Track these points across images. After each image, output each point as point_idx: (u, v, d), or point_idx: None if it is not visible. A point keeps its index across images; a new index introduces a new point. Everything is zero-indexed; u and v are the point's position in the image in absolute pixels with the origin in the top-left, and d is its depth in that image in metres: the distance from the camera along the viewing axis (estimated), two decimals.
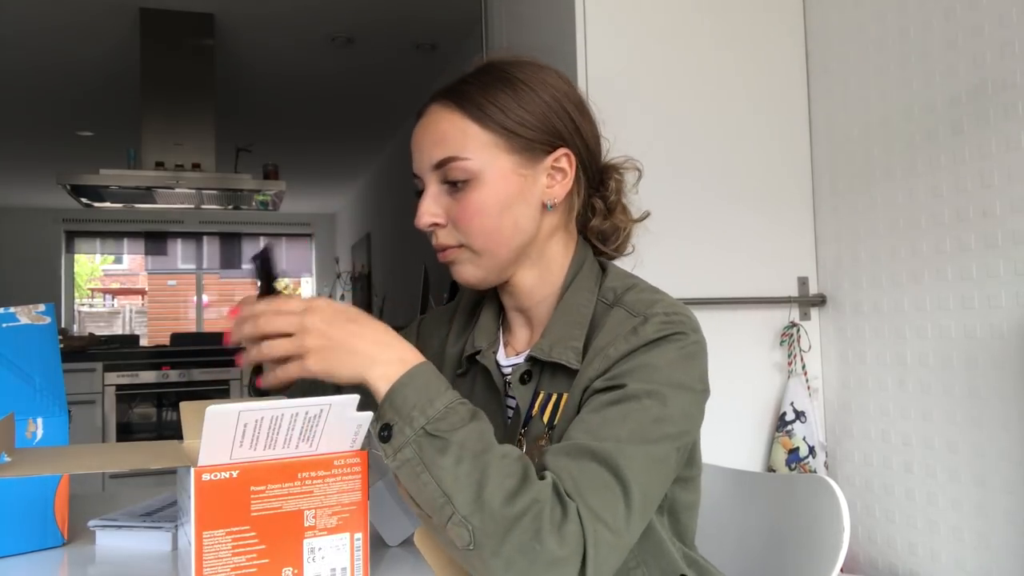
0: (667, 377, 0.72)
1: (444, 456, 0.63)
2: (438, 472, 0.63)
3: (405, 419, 0.65)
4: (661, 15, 1.86)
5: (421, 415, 0.65)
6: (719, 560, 0.94)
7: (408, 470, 0.64)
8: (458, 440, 0.64)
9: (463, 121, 0.80)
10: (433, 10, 3.65)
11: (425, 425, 0.65)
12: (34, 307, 0.89)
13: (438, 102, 0.83)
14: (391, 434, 0.65)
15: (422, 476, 0.64)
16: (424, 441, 0.64)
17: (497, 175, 0.80)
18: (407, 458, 0.64)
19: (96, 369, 3.94)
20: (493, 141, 0.80)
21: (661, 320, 0.75)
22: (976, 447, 1.49)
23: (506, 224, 0.80)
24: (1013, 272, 1.42)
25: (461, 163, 0.79)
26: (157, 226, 8.35)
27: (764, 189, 1.91)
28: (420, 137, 0.84)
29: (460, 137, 0.80)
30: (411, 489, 0.65)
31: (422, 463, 0.64)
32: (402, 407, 0.65)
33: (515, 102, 0.80)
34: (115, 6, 3.56)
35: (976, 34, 1.48)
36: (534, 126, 0.81)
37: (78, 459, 0.67)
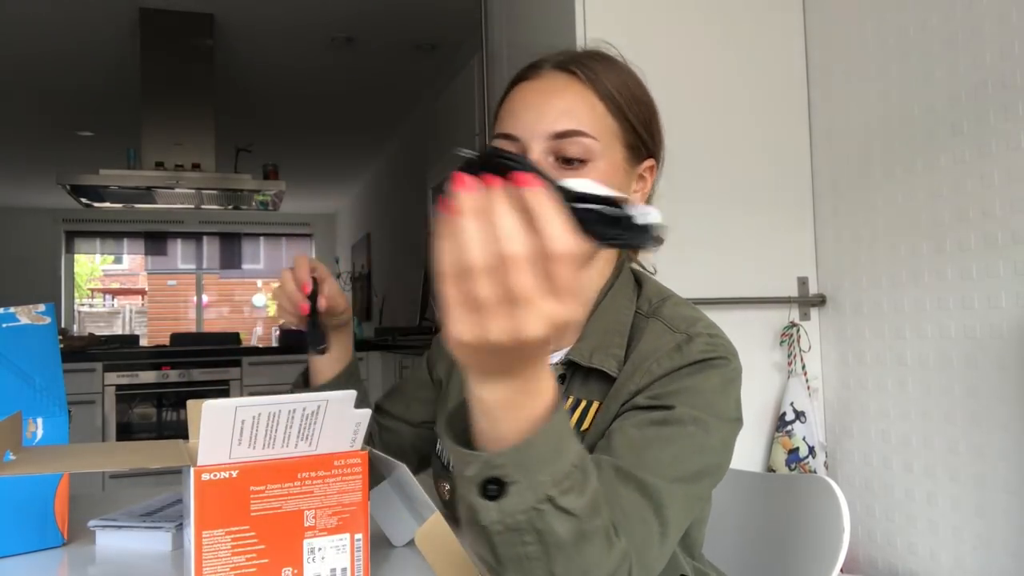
0: (710, 404, 0.71)
1: (565, 533, 0.52)
2: (553, 551, 0.52)
3: (530, 481, 0.50)
4: (661, 15, 1.86)
5: (551, 480, 0.51)
6: (719, 560, 0.94)
7: (513, 539, 0.52)
8: (582, 511, 0.53)
9: (593, 97, 0.77)
10: (433, 10, 3.65)
11: (552, 494, 0.51)
12: (34, 307, 0.89)
13: (566, 72, 0.78)
14: (504, 493, 0.50)
15: (529, 548, 0.52)
16: (548, 512, 0.51)
17: (611, 163, 0.77)
18: (518, 527, 0.51)
19: (96, 369, 3.94)
20: (616, 129, 0.78)
21: (706, 341, 0.74)
22: (976, 447, 1.49)
23: None
24: (1013, 272, 1.42)
25: (588, 140, 0.75)
26: (157, 226, 8.35)
27: (764, 189, 1.91)
28: (539, 100, 0.77)
29: (590, 114, 0.76)
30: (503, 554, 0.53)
31: (537, 537, 0.52)
32: (530, 464, 0.50)
33: (632, 95, 0.79)
34: (115, 6, 3.56)
35: (976, 34, 1.48)
36: (644, 124, 0.80)
37: (78, 458, 0.67)
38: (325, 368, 0.98)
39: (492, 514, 0.51)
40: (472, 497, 0.51)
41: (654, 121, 0.82)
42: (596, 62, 0.80)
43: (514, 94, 0.80)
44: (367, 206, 7.38)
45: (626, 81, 0.80)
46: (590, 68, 0.78)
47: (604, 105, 0.77)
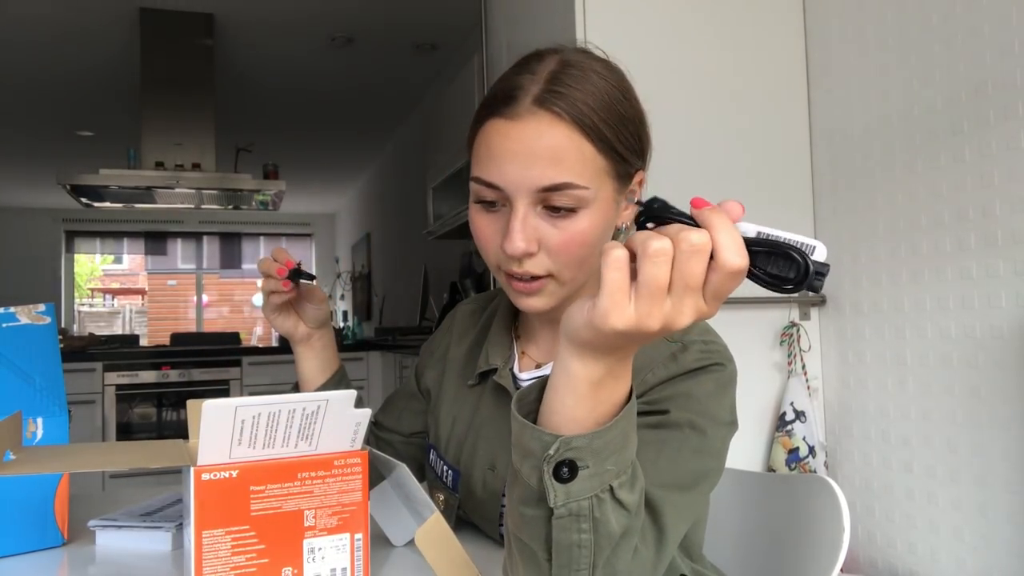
0: (705, 409, 0.71)
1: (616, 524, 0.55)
2: (602, 540, 0.54)
3: (599, 468, 0.53)
4: (661, 15, 1.86)
5: (615, 470, 0.54)
6: (719, 560, 0.94)
7: (571, 523, 0.54)
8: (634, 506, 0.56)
9: (580, 140, 0.69)
10: (433, 10, 3.65)
11: (612, 481, 0.54)
12: (34, 307, 0.89)
13: (544, 108, 0.69)
14: (574, 476, 0.53)
15: (582, 535, 0.54)
16: (605, 502, 0.54)
17: (603, 203, 0.71)
18: (580, 512, 0.54)
19: (96, 369, 3.94)
20: (605, 167, 0.71)
21: (700, 348, 0.74)
22: (976, 447, 1.49)
23: (596, 253, 0.72)
24: (1013, 272, 1.42)
25: (578, 191, 0.68)
26: (157, 226, 8.35)
27: (764, 189, 1.91)
28: (522, 149, 0.69)
29: (579, 160, 0.68)
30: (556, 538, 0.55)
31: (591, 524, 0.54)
32: (602, 451, 0.53)
33: (622, 120, 0.72)
34: (115, 6, 3.56)
35: (976, 34, 1.48)
36: (633, 149, 0.74)
37: (78, 458, 0.67)
38: (313, 378, 0.98)
39: (560, 496, 0.53)
40: (544, 477, 0.53)
41: (642, 130, 0.75)
42: (576, 86, 0.70)
43: (492, 134, 0.71)
44: (367, 206, 7.38)
45: (611, 101, 0.71)
46: (571, 99, 0.69)
47: (591, 144, 0.69)
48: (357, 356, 4.66)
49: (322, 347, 0.99)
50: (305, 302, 0.96)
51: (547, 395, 0.55)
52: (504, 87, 0.72)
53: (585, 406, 0.52)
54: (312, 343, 0.98)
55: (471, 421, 0.87)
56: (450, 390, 0.93)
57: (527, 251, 0.70)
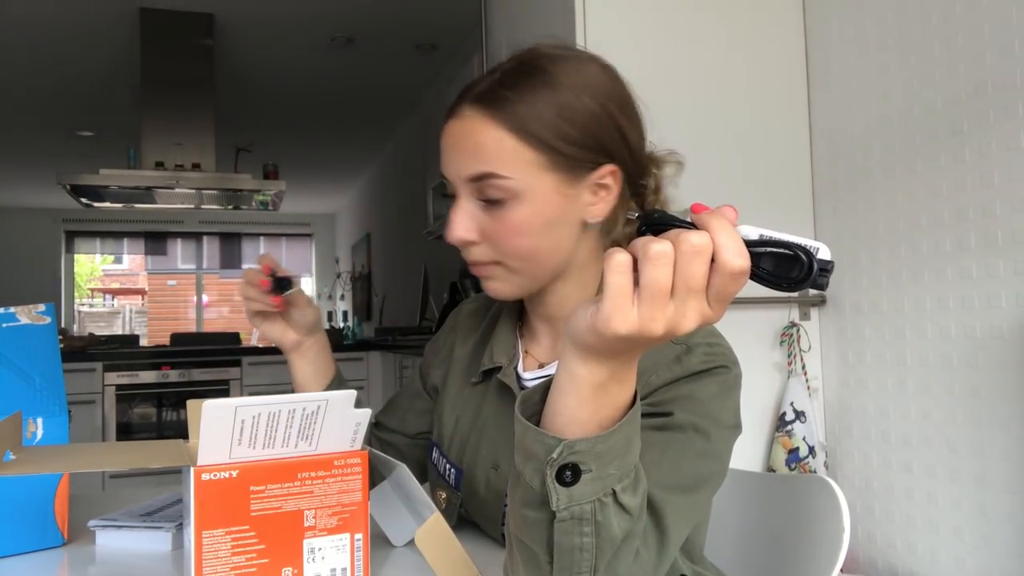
0: (709, 411, 0.71)
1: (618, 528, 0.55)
2: (604, 544, 0.55)
3: (601, 472, 0.53)
4: (661, 15, 1.86)
5: (617, 474, 0.54)
6: (719, 560, 0.94)
7: (573, 527, 0.54)
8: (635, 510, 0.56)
9: (501, 134, 0.72)
10: (433, 10, 3.65)
11: (614, 485, 0.54)
12: (34, 307, 0.89)
13: (473, 107, 0.74)
14: (578, 480, 0.53)
15: (584, 539, 0.54)
16: (608, 506, 0.54)
17: (538, 195, 0.73)
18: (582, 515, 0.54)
19: (96, 369, 3.94)
20: (535, 159, 0.72)
21: (705, 351, 0.73)
22: (976, 447, 1.49)
23: (545, 244, 0.75)
24: (1013, 272, 1.42)
25: (500, 181, 0.72)
26: (157, 226, 8.36)
27: (764, 189, 1.91)
28: (452, 143, 0.75)
29: (498, 152, 0.72)
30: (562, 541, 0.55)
31: (593, 528, 0.54)
32: (605, 456, 0.53)
33: (558, 114, 0.72)
34: (115, 6, 3.56)
35: (976, 34, 1.48)
36: (579, 142, 0.73)
37: (78, 458, 0.67)
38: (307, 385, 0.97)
39: (563, 499, 0.53)
40: (546, 481, 0.53)
41: (600, 129, 0.74)
42: (510, 84, 0.73)
43: (442, 133, 0.77)
44: (367, 206, 7.38)
45: (550, 97, 0.72)
46: (499, 97, 0.72)
47: (518, 139, 0.71)
48: (357, 356, 4.66)
49: (315, 354, 0.96)
50: (291, 307, 0.93)
51: (551, 397, 0.55)
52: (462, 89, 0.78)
53: (588, 409, 0.52)
54: (304, 350, 0.95)
55: (474, 420, 0.87)
56: (453, 388, 0.93)
57: (462, 239, 0.75)
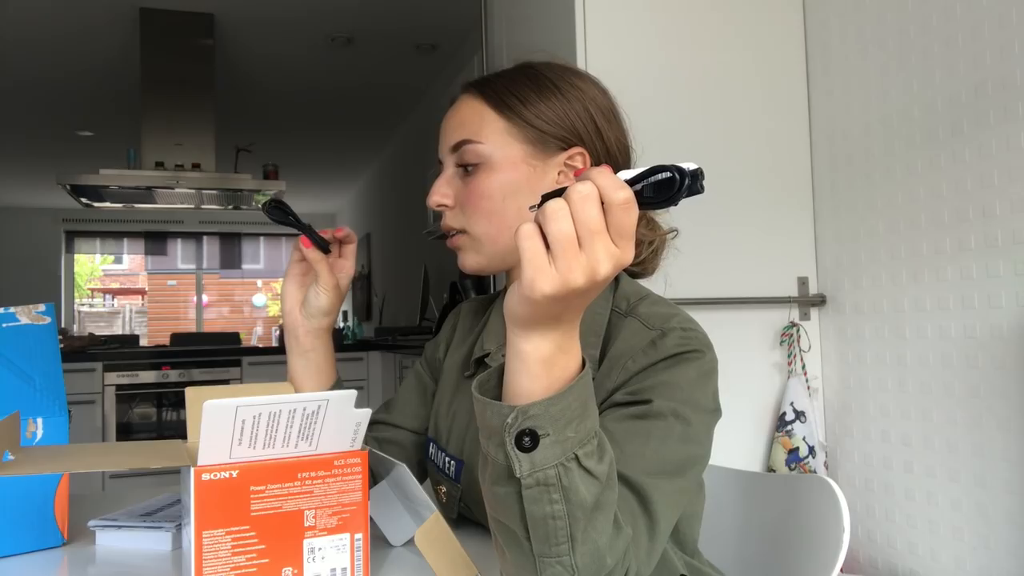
0: (688, 396, 0.72)
1: (587, 493, 0.56)
2: (575, 510, 0.55)
3: (559, 435, 0.54)
4: (661, 15, 1.86)
5: (576, 438, 0.55)
6: (719, 560, 0.95)
7: (540, 494, 0.55)
8: (602, 476, 0.57)
9: (482, 107, 0.83)
10: (433, 10, 3.65)
11: (578, 452, 0.55)
12: (34, 307, 0.89)
13: (467, 91, 0.86)
14: (536, 446, 0.54)
15: (555, 507, 0.55)
16: (574, 470, 0.55)
17: (506, 161, 0.82)
18: (547, 481, 0.55)
19: (96, 369, 3.94)
20: (507, 128, 0.82)
21: (679, 335, 0.75)
22: (976, 447, 1.49)
23: (509, 210, 0.82)
24: (1013, 272, 1.42)
25: (474, 146, 0.82)
26: (157, 226, 8.35)
27: (764, 189, 1.91)
28: (445, 122, 0.87)
29: (477, 122, 0.83)
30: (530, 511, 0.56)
31: (561, 493, 0.55)
32: (560, 419, 0.54)
33: (537, 96, 0.83)
34: (115, 6, 3.56)
35: (976, 34, 1.48)
36: (551, 120, 0.82)
37: (78, 458, 0.67)
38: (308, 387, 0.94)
39: (525, 465, 0.55)
40: (508, 450, 0.55)
41: (575, 117, 0.83)
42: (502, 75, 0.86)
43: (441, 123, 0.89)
44: (367, 206, 7.38)
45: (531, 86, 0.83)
46: (487, 81, 0.85)
47: (492, 109, 0.83)
48: (357, 356, 4.66)
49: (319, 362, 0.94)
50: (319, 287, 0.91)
51: (505, 380, 0.57)
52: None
53: (541, 384, 0.54)
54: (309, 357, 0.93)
55: (472, 411, 0.87)
56: (450, 384, 0.94)
57: (437, 201, 0.85)
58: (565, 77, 0.85)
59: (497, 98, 0.83)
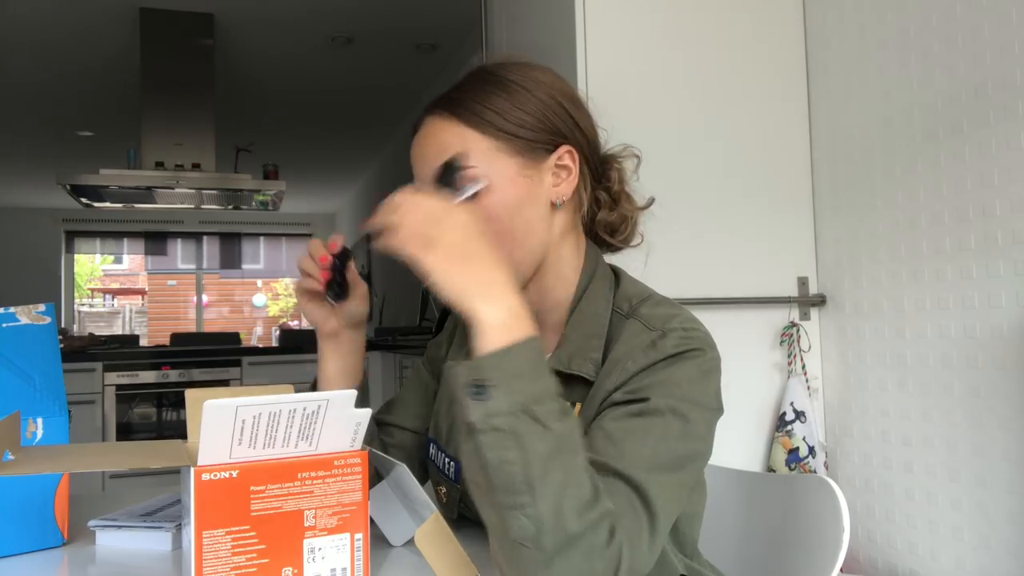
0: (687, 394, 0.72)
1: (540, 443, 0.60)
2: (529, 457, 0.60)
3: (508, 387, 0.61)
4: (661, 15, 1.86)
5: (526, 391, 0.61)
6: (719, 560, 0.94)
7: (496, 440, 0.60)
8: (557, 432, 0.61)
9: (461, 128, 0.79)
10: (433, 10, 3.65)
11: (527, 403, 0.61)
12: (34, 307, 0.89)
13: (433, 113, 0.82)
14: (487, 395, 0.61)
15: (510, 453, 0.60)
16: (524, 419, 0.60)
17: (503, 180, 0.79)
18: (500, 427, 0.60)
19: (96, 369, 3.94)
20: (494, 146, 0.79)
21: (680, 335, 0.75)
22: (976, 447, 1.49)
23: (517, 227, 0.80)
24: (1013, 272, 1.42)
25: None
26: (157, 226, 8.35)
27: (764, 189, 1.91)
28: (419, 150, 0.83)
29: (460, 145, 0.79)
30: (489, 458, 0.60)
31: (515, 440, 0.60)
32: (508, 372, 0.61)
33: (510, 104, 0.80)
34: (115, 6, 3.56)
35: (976, 34, 1.48)
36: (533, 126, 0.80)
37: (78, 458, 0.67)
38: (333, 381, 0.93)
39: (479, 412, 0.61)
40: (464, 401, 0.62)
41: (552, 115, 0.82)
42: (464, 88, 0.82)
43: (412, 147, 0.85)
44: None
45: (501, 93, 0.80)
46: (454, 99, 0.81)
47: (473, 130, 0.79)
48: None
49: (349, 351, 0.92)
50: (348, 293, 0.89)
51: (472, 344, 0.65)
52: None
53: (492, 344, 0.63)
54: (340, 342, 0.92)
55: None
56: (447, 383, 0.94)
57: None
58: (528, 75, 0.83)
59: (473, 116, 0.79)
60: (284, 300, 10.22)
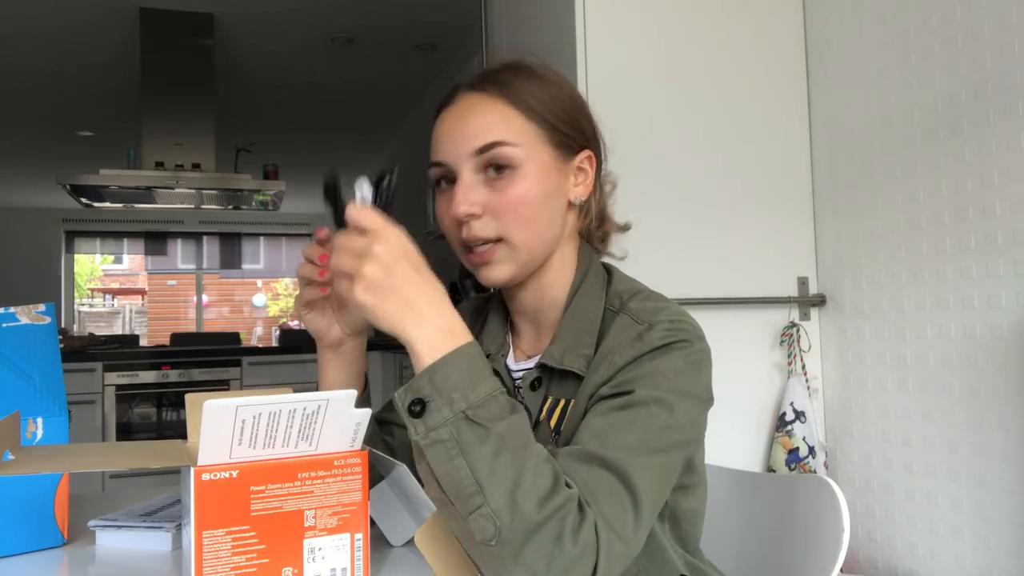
0: (674, 385, 0.72)
1: (483, 445, 0.62)
2: (474, 460, 0.61)
3: (444, 399, 0.62)
4: (661, 15, 1.86)
5: (462, 398, 0.63)
6: (719, 560, 0.94)
7: (440, 451, 0.62)
8: (499, 431, 0.62)
9: (506, 108, 0.79)
10: (433, 10, 3.65)
11: (466, 410, 0.62)
12: (34, 307, 0.89)
13: (475, 90, 0.81)
14: (424, 410, 0.63)
15: (455, 460, 0.62)
16: (463, 425, 0.62)
17: (539, 166, 0.80)
18: (441, 439, 0.62)
19: (96, 369, 3.94)
20: (535, 132, 0.80)
21: (666, 327, 0.75)
22: (976, 447, 1.49)
23: (544, 217, 0.80)
24: (1013, 272, 1.42)
25: (507, 149, 0.78)
26: (157, 226, 8.35)
27: (764, 189, 1.91)
28: (457, 124, 0.80)
29: (505, 124, 0.79)
30: (438, 470, 0.62)
31: (458, 447, 0.62)
32: (442, 385, 0.63)
33: (551, 97, 0.82)
34: (115, 6, 3.56)
35: (976, 34, 1.48)
36: (569, 123, 0.82)
37: (78, 458, 0.67)
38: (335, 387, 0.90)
39: (420, 428, 0.63)
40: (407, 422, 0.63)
41: (580, 117, 0.84)
42: (507, 73, 0.82)
43: (437, 123, 0.83)
44: None
45: (540, 85, 0.82)
46: (500, 81, 0.81)
47: (519, 112, 0.80)
48: None
49: (352, 358, 0.86)
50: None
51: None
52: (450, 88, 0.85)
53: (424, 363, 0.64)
54: (342, 351, 0.86)
55: None
56: None
57: (469, 212, 0.78)
58: (560, 76, 0.85)
59: (520, 100, 0.80)
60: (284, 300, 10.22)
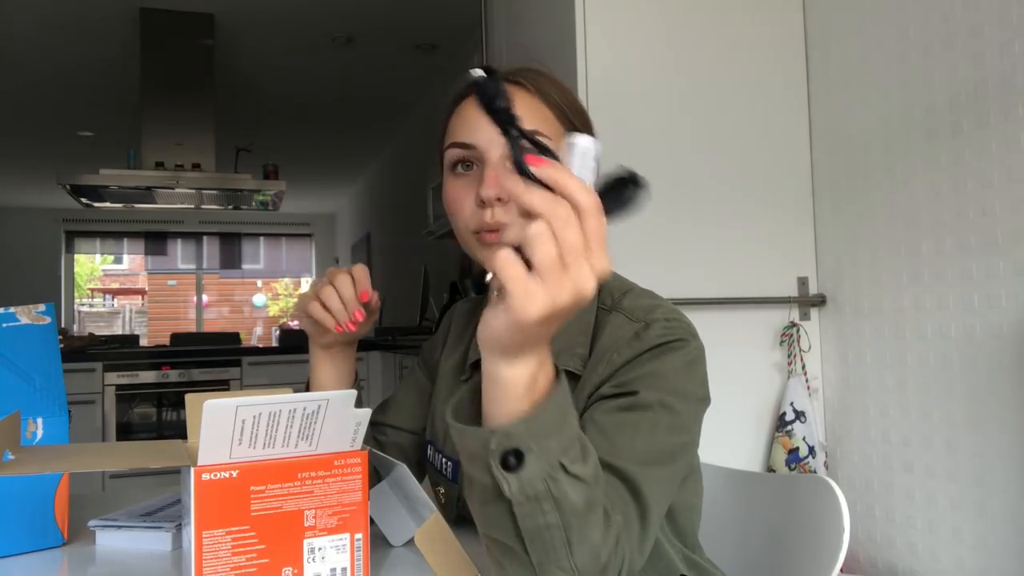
0: (675, 386, 0.73)
1: (576, 495, 0.55)
2: (569, 518, 0.55)
3: (542, 449, 0.54)
4: (661, 15, 1.86)
5: (558, 448, 0.54)
6: (719, 560, 0.94)
7: (532, 509, 0.54)
8: (588, 474, 0.56)
9: (537, 102, 0.82)
10: (433, 10, 3.65)
11: (564, 461, 0.54)
12: (34, 307, 0.89)
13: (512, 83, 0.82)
14: (522, 463, 0.53)
15: (549, 518, 0.55)
16: (563, 479, 0.54)
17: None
18: (536, 494, 0.54)
19: (96, 369, 3.94)
20: (559, 128, 0.82)
21: (663, 325, 0.75)
22: (976, 447, 1.49)
23: None
24: (1013, 272, 1.42)
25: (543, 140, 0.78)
26: (157, 226, 8.35)
27: (764, 189, 1.91)
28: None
29: (539, 116, 0.81)
30: (527, 526, 0.55)
31: (554, 503, 0.54)
32: (540, 433, 0.54)
33: (568, 97, 0.85)
34: (115, 6, 3.56)
35: (976, 34, 1.48)
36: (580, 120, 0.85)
37: (78, 458, 0.67)
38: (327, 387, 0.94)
39: (514, 485, 0.53)
40: (494, 472, 0.54)
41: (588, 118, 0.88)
42: (535, 74, 0.85)
43: (465, 108, 0.83)
44: (367, 206, 7.38)
45: (558, 85, 0.85)
46: (532, 79, 0.83)
47: (550, 111, 0.82)
48: (357, 356, 4.64)
49: (343, 358, 0.94)
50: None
51: (485, 409, 0.56)
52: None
53: (518, 405, 0.54)
54: (333, 352, 0.93)
55: None
56: (446, 387, 0.94)
57: (499, 195, 0.77)
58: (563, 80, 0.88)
59: (550, 96, 0.83)
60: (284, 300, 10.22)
